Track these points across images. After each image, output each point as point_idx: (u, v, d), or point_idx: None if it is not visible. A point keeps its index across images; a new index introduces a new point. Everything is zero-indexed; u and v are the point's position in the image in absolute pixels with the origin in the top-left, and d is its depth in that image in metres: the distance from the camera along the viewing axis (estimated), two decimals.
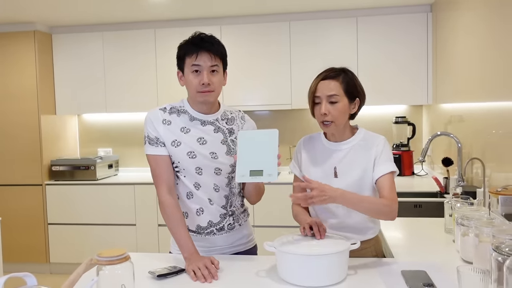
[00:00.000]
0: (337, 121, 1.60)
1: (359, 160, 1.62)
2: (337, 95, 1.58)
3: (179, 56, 1.67)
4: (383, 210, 1.51)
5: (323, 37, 3.90)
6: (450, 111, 3.16)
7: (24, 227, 4.19)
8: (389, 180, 1.58)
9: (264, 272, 1.51)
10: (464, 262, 1.56)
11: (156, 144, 1.67)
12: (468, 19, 2.72)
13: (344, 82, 1.60)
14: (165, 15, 3.97)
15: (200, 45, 1.61)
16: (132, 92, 4.20)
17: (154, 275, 1.48)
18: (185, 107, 1.72)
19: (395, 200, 1.54)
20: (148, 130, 1.69)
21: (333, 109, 1.58)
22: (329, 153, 1.67)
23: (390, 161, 1.61)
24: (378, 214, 1.54)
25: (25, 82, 4.13)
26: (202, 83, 1.60)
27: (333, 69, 1.64)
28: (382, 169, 1.59)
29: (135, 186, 4.01)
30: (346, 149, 1.65)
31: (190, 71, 1.63)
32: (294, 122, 4.28)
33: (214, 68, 1.63)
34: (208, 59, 1.61)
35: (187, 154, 1.66)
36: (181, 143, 1.66)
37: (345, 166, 1.63)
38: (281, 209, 3.68)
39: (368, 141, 1.65)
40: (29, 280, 0.98)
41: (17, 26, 4.10)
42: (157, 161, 1.67)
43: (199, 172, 1.68)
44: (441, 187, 2.94)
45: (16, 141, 4.17)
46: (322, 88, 1.60)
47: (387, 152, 1.63)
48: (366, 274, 1.46)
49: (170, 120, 1.68)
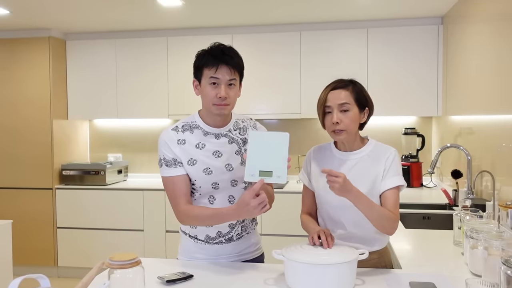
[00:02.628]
0: (348, 129, 1.61)
1: (368, 171, 1.63)
2: (348, 104, 1.60)
3: (197, 66, 1.66)
4: (386, 224, 1.55)
5: (334, 48, 3.92)
6: (460, 123, 3.15)
7: (34, 230, 4.23)
8: (394, 195, 1.60)
9: (272, 280, 1.51)
10: (473, 275, 1.55)
11: (174, 165, 1.66)
12: (479, 32, 2.72)
13: (354, 91, 1.63)
14: (177, 23, 4.02)
15: (220, 58, 1.60)
16: (143, 99, 4.24)
17: (164, 281, 1.49)
18: (197, 122, 1.71)
19: (397, 219, 1.58)
20: (164, 153, 1.68)
21: (345, 117, 1.60)
22: (338, 162, 1.68)
23: (399, 175, 1.62)
24: (381, 226, 1.55)
25: (39, 86, 4.19)
26: (219, 97, 1.60)
27: (342, 80, 1.66)
28: (389, 182, 1.60)
29: (143, 192, 4.03)
30: (356, 159, 1.66)
31: (207, 83, 1.62)
32: (304, 131, 4.30)
33: (232, 82, 1.63)
34: (227, 73, 1.60)
35: (203, 171, 1.66)
36: (197, 161, 1.66)
37: (354, 176, 1.63)
38: (289, 218, 3.68)
39: (378, 153, 1.65)
40: (43, 282, 1.00)
41: (33, 32, 4.18)
42: (175, 182, 1.66)
43: (215, 187, 1.68)
44: (450, 199, 2.93)
45: (28, 145, 4.22)
46: (332, 98, 1.61)
47: (397, 165, 1.64)
48: (374, 284, 1.46)
49: (184, 139, 1.68)
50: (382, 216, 1.53)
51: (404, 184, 1.63)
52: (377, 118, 4.11)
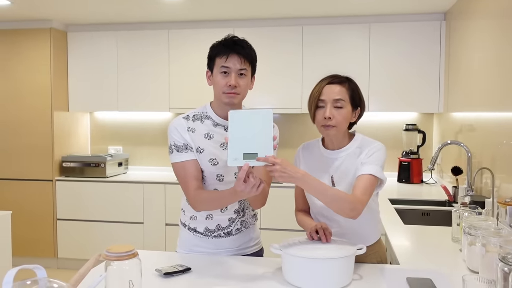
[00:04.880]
0: (339, 126, 1.59)
1: (353, 167, 1.61)
2: (343, 100, 1.59)
3: (210, 56, 1.69)
4: (344, 206, 1.45)
5: (336, 43, 3.91)
6: (461, 120, 3.15)
7: (34, 221, 4.24)
8: (366, 181, 1.52)
9: (269, 274, 1.52)
10: (470, 272, 1.56)
11: (185, 150, 1.66)
12: (482, 28, 2.71)
13: (350, 89, 1.62)
14: (179, 16, 4.00)
15: (232, 47, 1.62)
16: (144, 92, 4.23)
17: (161, 273, 1.49)
18: (208, 112, 1.72)
19: (361, 201, 1.48)
20: (174, 138, 1.68)
21: (338, 114, 1.58)
22: (326, 162, 1.67)
23: (376, 166, 1.55)
24: (339, 209, 1.47)
25: (39, 78, 4.18)
26: (229, 85, 1.61)
27: (338, 75, 1.64)
28: (364, 168, 1.54)
29: (143, 184, 4.04)
30: (342, 157, 1.65)
31: (218, 72, 1.64)
32: (304, 126, 4.29)
33: (243, 72, 1.64)
34: (238, 61, 1.62)
35: (209, 161, 1.67)
36: (204, 150, 1.67)
37: (341, 174, 1.63)
38: (288, 212, 3.66)
39: (363, 147, 1.62)
40: (39, 272, 1.00)
41: (34, 23, 4.16)
42: (186, 166, 1.65)
43: (220, 179, 1.69)
44: (449, 196, 2.93)
45: (29, 137, 4.23)
46: (328, 92, 1.60)
47: (378, 157, 1.57)
48: (371, 279, 1.47)
49: (194, 127, 1.69)
50: (338, 198, 1.44)
51: (381, 178, 1.56)
52: (378, 114, 4.11)
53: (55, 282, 0.97)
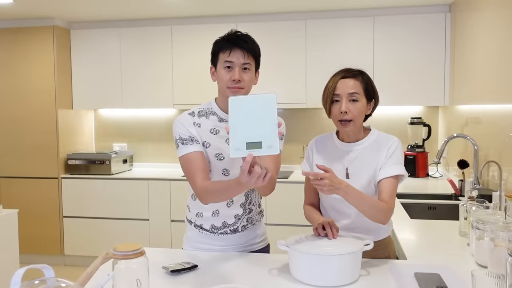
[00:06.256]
0: (355, 120, 1.60)
1: (370, 162, 1.62)
2: (358, 94, 1.59)
3: (213, 52, 1.68)
4: (379, 214, 1.51)
5: (340, 36, 3.88)
6: (467, 113, 3.12)
7: (40, 219, 4.26)
8: (391, 184, 1.57)
9: (276, 271, 1.51)
10: (479, 266, 1.55)
11: (191, 142, 1.64)
12: (487, 20, 2.68)
13: (364, 82, 1.62)
14: (181, 12, 3.99)
15: (235, 42, 1.62)
16: (148, 88, 4.23)
17: (168, 271, 1.49)
18: (213, 108, 1.72)
19: (392, 208, 1.54)
20: (180, 132, 1.66)
21: (353, 107, 1.59)
22: (341, 154, 1.67)
23: (399, 164, 1.59)
24: (372, 216, 1.52)
25: (43, 76, 4.19)
26: (233, 79, 1.61)
27: (351, 69, 1.64)
28: (388, 170, 1.58)
29: (149, 181, 4.04)
30: (358, 150, 1.65)
31: (222, 67, 1.63)
32: (309, 120, 4.28)
33: (246, 66, 1.64)
34: (241, 56, 1.62)
35: (215, 156, 1.67)
36: (210, 145, 1.67)
37: (356, 168, 1.63)
38: (294, 208, 3.68)
39: (380, 142, 1.64)
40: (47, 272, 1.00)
41: (37, 21, 4.16)
42: (191, 158, 1.62)
43: (226, 173, 1.69)
44: (456, 189, 2.91)
45: (34, 135, 4.24)
46: (342, 86, 1.60)
47: (398, 155, 1.61)
48: (379, 275, 1.46)
49: (199, 123, 1.69)
50: (373, 207, 1.49)
51: (404, 174, 1.60)
52: (383, 108, 4.08)
53: (63, 281, 0.97)
